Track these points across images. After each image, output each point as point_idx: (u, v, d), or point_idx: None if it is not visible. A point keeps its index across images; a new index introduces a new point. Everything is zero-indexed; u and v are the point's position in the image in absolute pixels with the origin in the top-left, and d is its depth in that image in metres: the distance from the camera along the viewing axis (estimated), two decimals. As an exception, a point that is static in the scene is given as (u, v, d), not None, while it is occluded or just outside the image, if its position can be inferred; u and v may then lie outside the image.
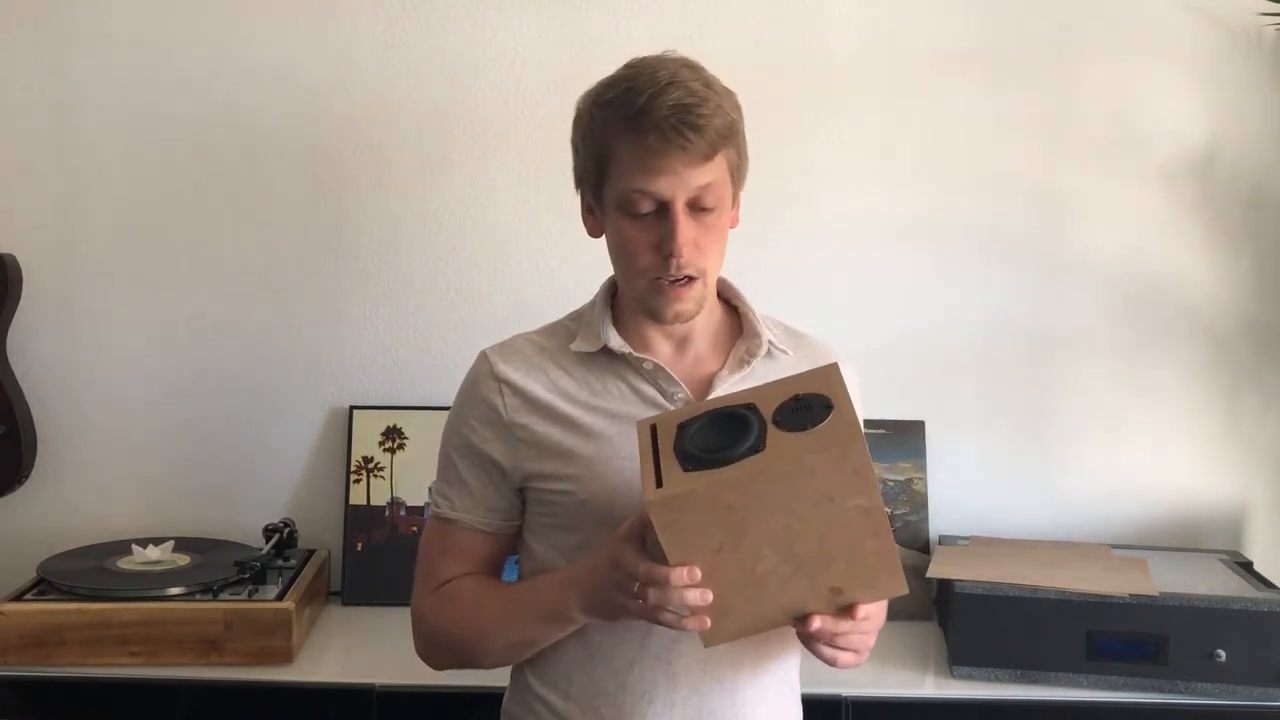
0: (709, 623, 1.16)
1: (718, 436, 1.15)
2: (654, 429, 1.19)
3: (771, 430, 1.14)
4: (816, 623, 1.17)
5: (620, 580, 1.17)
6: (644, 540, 1.16)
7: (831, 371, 1.19)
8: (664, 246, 1.27)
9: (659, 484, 1.12)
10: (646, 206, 1.27)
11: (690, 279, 1.29)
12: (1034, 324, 2.17)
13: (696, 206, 1.28)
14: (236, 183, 2.15)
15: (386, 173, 2.15)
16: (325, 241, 2.16)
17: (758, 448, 1.13)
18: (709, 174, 1.26)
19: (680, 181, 1.25)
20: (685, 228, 1.26)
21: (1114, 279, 2.16)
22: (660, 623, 1.17)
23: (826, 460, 1.11)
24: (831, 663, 1.23)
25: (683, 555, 1.13)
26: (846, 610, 1.18)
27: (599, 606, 1.23)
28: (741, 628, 1.20)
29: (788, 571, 1.16)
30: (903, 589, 1.18)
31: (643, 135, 1.24)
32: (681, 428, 1.17)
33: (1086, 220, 2.15)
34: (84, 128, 2.14)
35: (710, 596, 1.14)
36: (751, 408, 1.17)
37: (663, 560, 1.13)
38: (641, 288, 1.31)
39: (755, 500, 1.12)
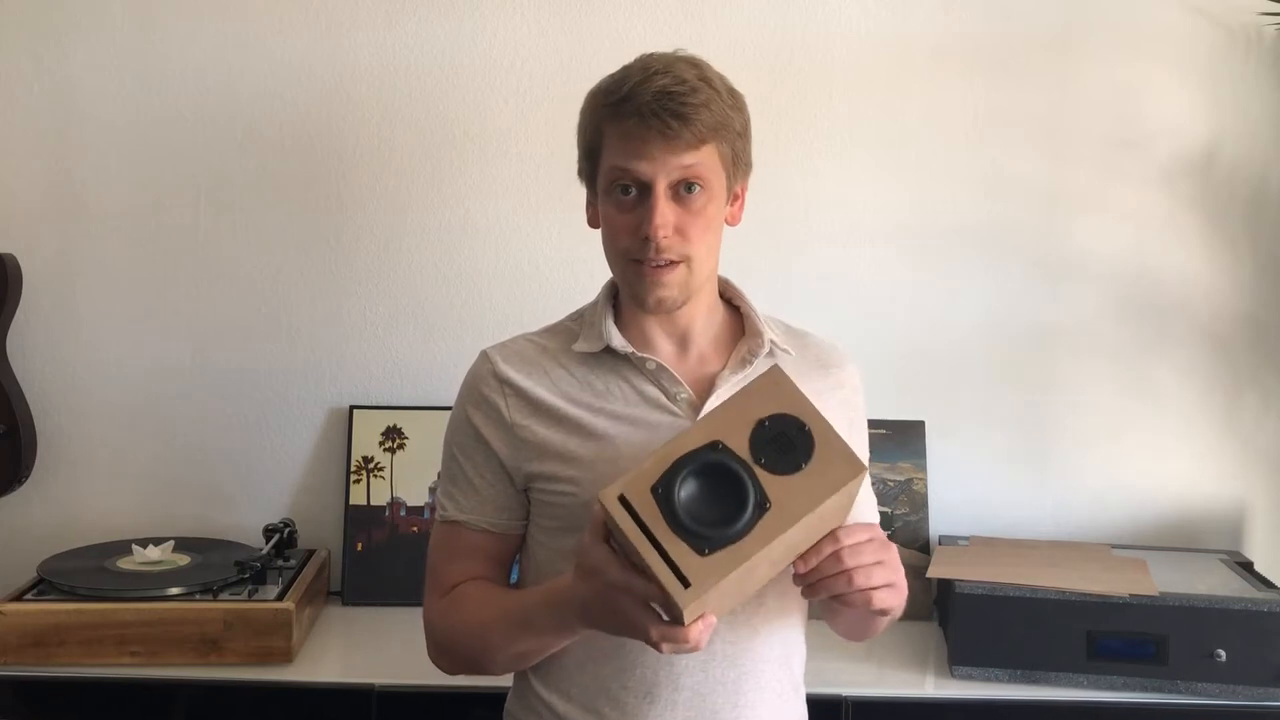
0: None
1: (713, 502, 1.08)
2: (624, 500, 1.09)
3: (765, 478, 1.08)
4: (809, 562, 1.15)
5: (632, 627, 1.13)
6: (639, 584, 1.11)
7: (778, 380, 1.13)
8: (642, 229, 1.27)
9: (684, 581, 1.05)
10: (629, 189, 1.28)
11: (672, 263, 1.29)
12: (1034, 324, 2.17)
13: (681, 191, 1.28)
14: (236, 182, 2.15)
15: (386, 172, 2.15)
16: (325, 241, 2.16)
17: (763, 505, 1.07)
18: (694, 159, 1.27)
19: (662, 165, 1.26)
20: (664, 210, 1.27)
21: (1114, 279, 2.16)
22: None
23: (839, 497, 1.09)
24: (867, 605, 1.18)
25: (698, 612, 1.09)
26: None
27: (605, 628, 1.19)
28: (732, 610, 1.19)
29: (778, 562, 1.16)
30: (862, 467, 1.14)
31: (625, 119, 1.26)
32: (658, 493, 1.08)
33: (1086, 220, 2.15)
34: (84, 126, 2.13)
35: (714, 621, 1.12)
36: (721, 449, 1.09)
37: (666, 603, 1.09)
38: (623, 271, 1.33)
39: (769, 552, 1.09)
